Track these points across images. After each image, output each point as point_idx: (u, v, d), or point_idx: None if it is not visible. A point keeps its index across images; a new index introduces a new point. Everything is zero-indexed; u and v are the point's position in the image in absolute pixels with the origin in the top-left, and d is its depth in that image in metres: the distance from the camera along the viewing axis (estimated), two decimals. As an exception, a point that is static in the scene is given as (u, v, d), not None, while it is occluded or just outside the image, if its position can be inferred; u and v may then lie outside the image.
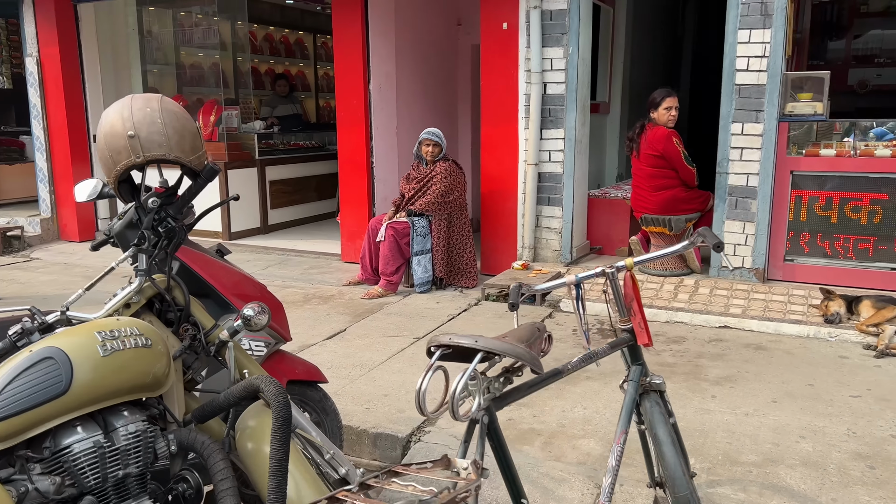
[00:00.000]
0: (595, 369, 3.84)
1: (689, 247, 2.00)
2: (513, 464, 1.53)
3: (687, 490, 1.93)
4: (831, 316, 4.37)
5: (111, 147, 1.93)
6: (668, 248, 2.04)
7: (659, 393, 2.05)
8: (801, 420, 3.20)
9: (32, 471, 1.64)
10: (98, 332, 1.74)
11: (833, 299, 4.43)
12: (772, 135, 4.91)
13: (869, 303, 4.33)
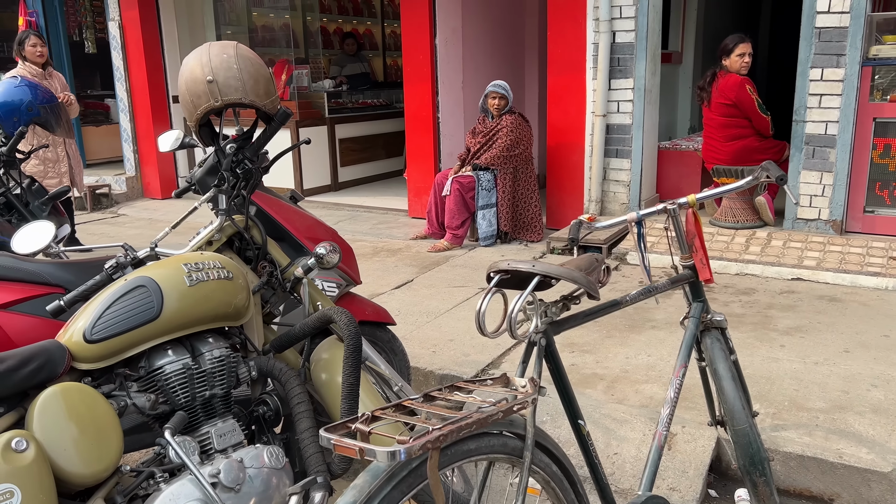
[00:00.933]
0: (662, 318, 3.84)
1: (753, 182, 1.99)
2: (570, 386, 1.58)
3: (746, 423, 1.95)
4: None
5: (192, 92, 2.05)
6: (731, 185, 2.03)
7: (720, 330, 2.06)
8: (873, 369, 3.13)
9: (130, 388, 1.80)
10: (184, 265, 1.88)
11: None
12: (854, 80, 4.69)
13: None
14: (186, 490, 1.69)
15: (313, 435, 1.93)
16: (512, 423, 1.40)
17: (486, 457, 1.35)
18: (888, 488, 2.40)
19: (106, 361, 1.75)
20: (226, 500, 1.71)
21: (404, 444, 1.07)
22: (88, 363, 1.73)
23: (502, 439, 1.37)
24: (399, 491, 1.18)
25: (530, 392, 1.32)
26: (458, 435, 1.17)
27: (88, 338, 1.72)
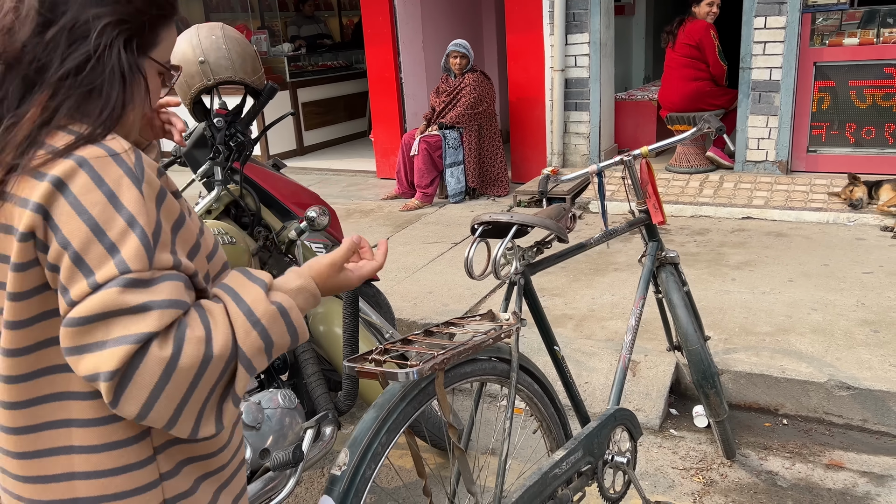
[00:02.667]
0: (623, 261, 4.13)
1: (697, 133, 2.23)
2: (545, 317, 1.83)
3: (698, 344, 2.24)
4: (855, 201, 4.51)
5: (185, 73, 2.20)
6: (678, 137, 2.27)
7: (674, 265, 2.33)
8: (813, 295, 3.47)
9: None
10: (192, 232, 2.07)
11: (858, 185, 4.56)
12: (795, 26, 4.96)
13: (889, 186, 4.47)
14: (214, 430, 1.91)
15: (320, 378, 2.17)
16: (499, 350, 1.64)
17: (479, 378, 1.60)
18: (824, 396, 2.73)
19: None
20: (248, 437, 1.94)
21: (415, 367, 1.31)
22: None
23: (492, 363, 1.61)
24: (411, 407, 1.42)
25: (514, 323, 1.56)
26: (457, 359, 1.41)
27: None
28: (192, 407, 0.87)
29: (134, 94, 0.96)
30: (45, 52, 0.90)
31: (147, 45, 0.98)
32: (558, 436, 1.85)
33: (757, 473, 2.47)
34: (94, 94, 0.91)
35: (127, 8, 0.93)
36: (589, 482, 1.91)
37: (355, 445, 1.34)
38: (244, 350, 0.89)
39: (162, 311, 0.84)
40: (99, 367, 0.82)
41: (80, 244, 0.84)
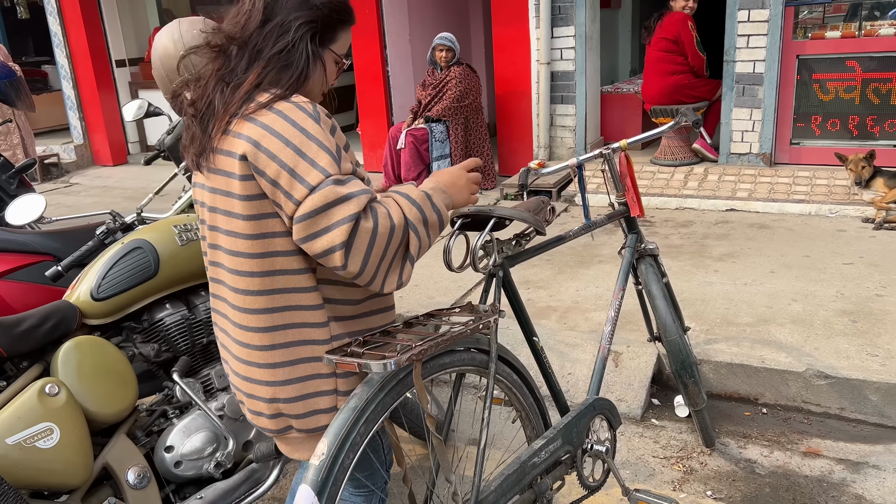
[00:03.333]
0: (608, 254, 4.16)
1: (675, 126, 2.25)
2: (524, 309, 1.85)
3: (676, 335, 2.27)
4: (863, 178, 4.38)
5: (166, 67, 2.21)
6: (657, 130, 2.29)
7: (653, 257, 2.35)
8: (794, 286, 3.51)
9: (136, 340, 2.01)
10: (175, 226, 2.08)
11: (870, 165, 4.41)
12: (778, 20, 4.99)
13: (882, 180, 4.43)
14: (197, 423, 1.93)
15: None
16: (478, 341, 1.66)
17: (458, 368, 1.62)
18: (803, 385, 2.77)
19: (113, 317, 1.96)
20: (232, 429, 1.96)
21: (393, 358, 1.33)
22: (97, 319, 1.93)
23: (471, 354, 1.63)
24: (390, 397, 1.43)
25: (492, 314, 1.58)
26: (436, 350, 1.43)
27: (95, 296, 1.92)
28: (384, 264, 1.32)
29: (314, 71, 1.42)
30: (263, 40, 1.38)
31: (327, 40, 1.45)
32: (537, 425, 1.88)
33: (736, 461, 2.51)
34: (288, 69, 1.38)
35: (316, 14, 1.41)
36: (568, 471, 1.94)
37: (334, 436, 1.36)
38: (411, 220, 1.35)
39: (359, 197, 1.27)
40: (333, 243, 1.26)
41: (291, 163, 1.27)
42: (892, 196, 4.33)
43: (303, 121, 1.31)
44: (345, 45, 1.49)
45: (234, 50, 1.39)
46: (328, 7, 1.42)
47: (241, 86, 1.35)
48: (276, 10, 1.39)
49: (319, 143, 1.29)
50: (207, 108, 1.39)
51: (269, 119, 1.31)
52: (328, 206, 1.25)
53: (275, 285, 1.38)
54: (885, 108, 4.98)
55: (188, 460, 1.89)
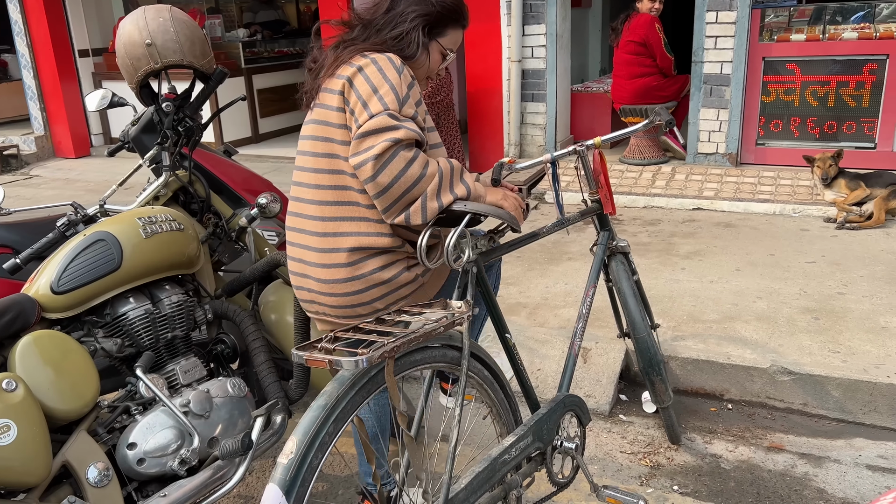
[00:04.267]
0: (577, 251, 4.18)
1: (648, 126, 2.26)
2: (497, 306, 1.84)
3: (645, 332, 2.28)
4: (829, 177, 4.42)
5: (131, 55, 2.15)
6: (629, 129, 2.29)
7: (624, 255, 2.37)
8: (759, 284, 3.57)
9: (97, 334, 1.96)
10: (139, 219, 2.03)
11: (836, 164, 4.45)
12: (745, 22, 5.07)
13: (844, 182, 4.51)
14: (160, 419, 1.89)
15: (270, 366, 2.15)
16: (451, 338, 1.65)
17: (430, 365, 1.60)
18: (767, 381, 2.82)
19: (73, 311, 1.90)
20: (197, 426, 1.92)
21: (365, 355, 1.30)
22: (57, 313, 1.87)
23: (443, 351, 1.62)
24: (360, 395, 1.41)
25: (465, 311, 1.57)
26: (408, 346, 1.40)
27: (56, 289, 1.86)
28: (409, 198, 1.62)
29: (420, 55, 1.76)
30: (385, 22, 1.74)
31: (437, 33, 1.79)
32: (508, 422, 1.87)
33: (702, 457, 2.54)
34: (399, 49, 1.72)
35: (430, 9, 1.76)
36: (538, 467, 1.94)
37: (302, 434, 1.33)
38: (443, 174, 1.64)
39: (407, 129, 1.57)
40: (369, 154, 1.56)
41: (365, 95, 1.61)
42: (853, 197, 4.42)
43: (387, 68, 1.63)
44: (453, 42, 1.84)
45: (359, 26, 1.75)
46: (441, 5, 1.77)
47: (357, 46, 1.71)
48: (400, 1, 1.75)
49: (392, 85, 1.60)
50: (324, 61, 1.75)
51: (363, 62, 1.65)
52: (379, 130, 1.56)
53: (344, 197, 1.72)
54: (848, 110, 5.09)
55: (151, 457, 1.84)
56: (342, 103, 1.67)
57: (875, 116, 5.04)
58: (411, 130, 1.57)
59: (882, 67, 4.93)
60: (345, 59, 1.69)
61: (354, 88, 1.63)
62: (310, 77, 1.79)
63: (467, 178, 1.70)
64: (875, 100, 5.01)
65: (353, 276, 1.74)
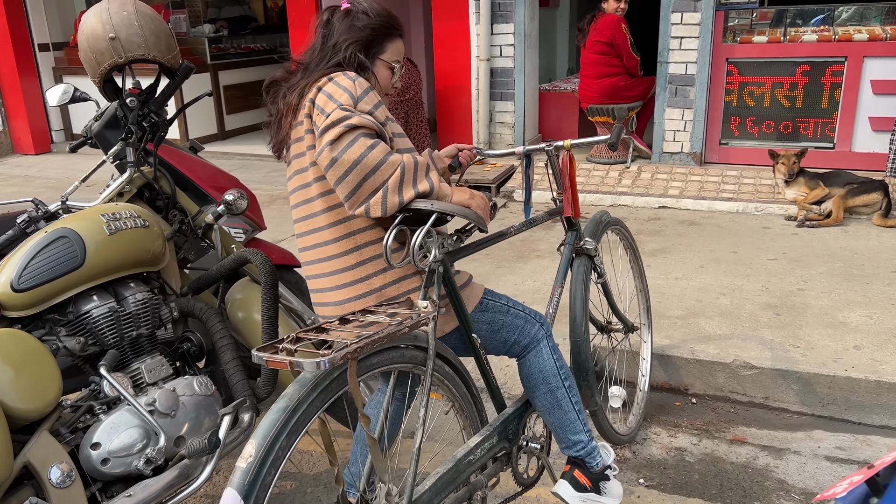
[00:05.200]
0: (545, 249, 4.22)
1: (604, 141, 2.25)
2: (465, 305, 1.83)
3: (581, 337, 2.22)
4: (793, 174, 4.49)
5: (94, 49, 2.12)
6: (595, 139, 2.29)
7: (589, 257, 2.37)
8: (722, 281, 3.64)
9: (59, 333, 1.92)
10: (102, 215, 1.99)
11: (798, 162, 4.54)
12: (709, 23, 5.16)
13: (803, 180, 4.61)
14: (125, 419, 1.86)
15: (238, 364, 2.13)
16: (416, 338, 1.64)
17: (395, 366, 1.59)
18: (730, 375, 2.88)
19: (34, 309, 1.86)
20: (163, 424, 1.89)
21: (327, 356, 1.29)
22: (17, 311, 1.84)
23: (409, 351, 1.61)
24: (322, 397, 1.40)
25: (431, 311, 1.57)
26: (372, 347, 1.37)
27: (16, 287, 1.82)
28: (370, 186, 1.59)
29: (368, 78, 1.77)
30: (321, 57, 1.77)
31: (375, 52, 1.81)
32: (474, 422, 1.88)
33: (667, 450, 2.58)
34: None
35: (361, 34, 1.78)
36: (504, 467, 1.95)
37: (262, 437, 1.31)
38: (406, 165, 1.62)
39: (360, 117, 1.58)
40: (325, 139, 1.58)
41: (323, 104, 1.65)
42: (812, 196, 4.53)
43: (341, 80, 1.67)
44: (396, 52, 1.85)
45: (300, 70, 1.79)
46: (370, 28, 1.78)
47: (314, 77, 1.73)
48: (331, 35, 1.78)
49: (345, 89, 1.64)
50: (276, 112, 1.79)
51: (321, 83, 1.69)
52: (334, 122, 1.58)
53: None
54: (808, 111, 5.21)
55: (116, 457, 1.81)
56: (311, 126, 1.70)
57: (834, 117, 5.17)
58: (367, 118, 1.59)
59: (840, 69, 5.06)
60: (296, 102, 1.72)
61: (316, 106, 1.67)
62: (273, 130, 1.81)
63: (432, 176, 1.68)
64: (833, 101, 5.14)
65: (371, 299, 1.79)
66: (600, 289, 2.48)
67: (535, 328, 1.94)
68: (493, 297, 1.92)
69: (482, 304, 1.89)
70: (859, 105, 5.07)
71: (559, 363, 1.96)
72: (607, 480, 2.04)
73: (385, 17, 1.82)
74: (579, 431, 1.99)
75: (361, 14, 1.80)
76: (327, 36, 1.79)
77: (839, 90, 5.10)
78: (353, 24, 1.77)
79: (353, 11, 1.81)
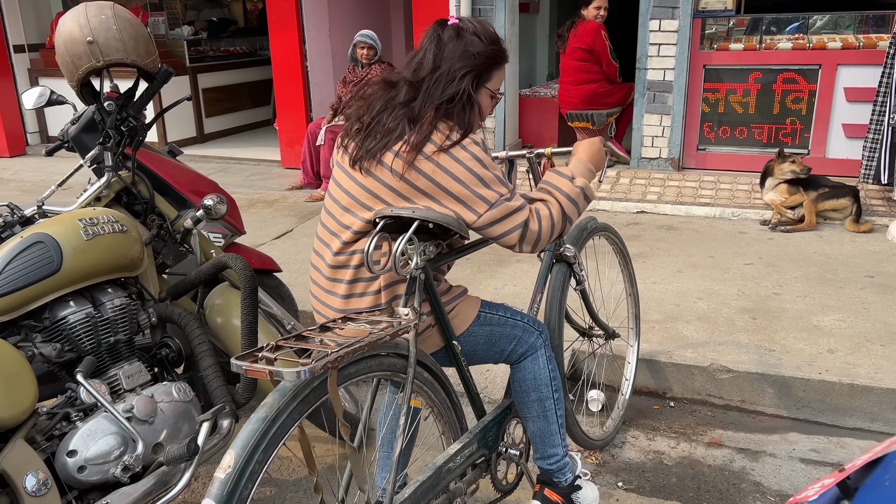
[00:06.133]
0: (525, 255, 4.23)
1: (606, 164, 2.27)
2: (445, 313, 1.83)
3: (554, 342, 2.25)
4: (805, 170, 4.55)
5: (71, 53, 2.10)
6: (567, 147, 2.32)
7: (567, 264, 2.38)
8: (700, 285, 3.68)
9: (35, 339, 1.90)
10: (79, 220, 1.98)
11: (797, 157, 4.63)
12: (686, 31, 5.22)
13: (784, 187, 4.68)
14: (102, 426, 1.84)
15: (217, 370, 2.12)
16: (397, 346, 1.64)
17: (376, 374, 1.59)
18: (707, 379, 2.91)
19: (9, 315, 1.84)
20: (140, 431, 1.87)
21: (307, 365, 1.28)
22: (-8, 317, 1.81)
23: (389, 359, 1.60)
24: (302, 407, 1.39)
25: (412, 318, 1.57)
26: (353, 356, 1.37)
27: (-10, 293, 1.80)
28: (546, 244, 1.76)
29: (475, 110, 1.74)
30: (434, 84, 1.69)
31: (484, 81, 1.76)
32: (454, 428, 1.88)
33: (645, 453, 2.61)
34: (456, 111, 1.69)
35: (476, 62, 1.72)
36: (483, 474, 1.95)
37: (241, 448, 1.30)
38: (569, 214, 1.77)
39: (523, 209, 1.70)
40: (510, 243, 1.72)
41: (471, 183, 1.65)
42: (792, 201, 4.59)
43: (477, 152, 1.66)
44: (499, 82, 1.82)
45: (405, 87, 1.71)
46: (484, 56, 1.72)
47: (423, 122, 1.66)
48: (442, 59, 1.70)
49: (489, 167, 1.67)
50: (376, 124, 1.70)
51: (443, 160, 1.64)
52: (506, 216, 1.67)
53: None
54: (783, 117, 5.29)
55: (93, 465, 1.79)
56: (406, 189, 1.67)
57: (808, 124, 5.26)
58: (524, 205, 1.70)
59: (815, 77, 5.15)
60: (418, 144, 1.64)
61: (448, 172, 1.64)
62: (358, 139, 1.72)
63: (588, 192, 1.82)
64: (808, 108, 5.23)
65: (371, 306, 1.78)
66: (580, 295, 2.50)
67: (534, 336, 1.94)
68: (490, 309, 1.91)
69: (479, 318, 1.88)
70: (833, 112, 5.16)
71: (553, 374, 1.97)
72: (579, 490, 2.06)
73: (497, 44, 1.77)
74: (556, 445, 2.00)
75: (473, 37, 1.72)
76: (437, 56, 1.71)
77: (814, 97, 5.18)
78: (466, 50, 1.70)
79: (464, 32, 1.73)
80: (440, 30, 1.74)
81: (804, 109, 5.24)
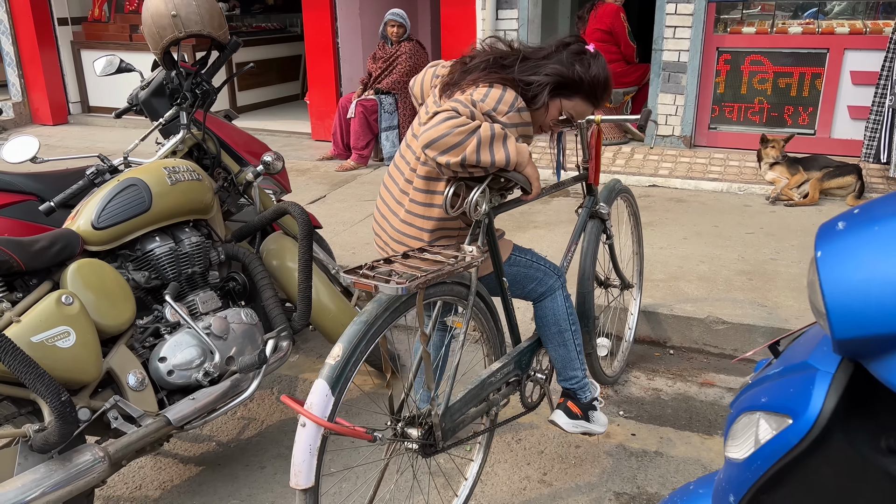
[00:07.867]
0: (542, 220, 4.56)
1: (633, 121, 2.55)
2: (499, 253, 2.13)
3: (586, 290, 2.59)
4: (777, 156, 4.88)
5: (158, 25, 2.44)
6: (625, 117, 2.60)
7: (601, 220, 2.70)
8: (703, 251, 3.99)
9: (129, 267, 2.27)
10: (164, 168, 2.33)
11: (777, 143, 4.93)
12: (701, 14, 5.47)
13: (784, 165, 4.94)
14: (186, 339, 2.21)
15: (277, 300, 2.47)
16: (461, 276, 1.95)
17: (444, 297, 1.91)
18: (704, 329, 3.23)
19: (110, 245, 2.20)
20: (217, 345, 2.24)
21: (403, 284, 1.60)
22: (97, 246, 2.17)
23: (456, 287, 1.92)
24: (393, 315, 1.73)
25: (478, 255, 1.88)
26: (435, 280, 1.69)
27: (96, 225, 2.16)
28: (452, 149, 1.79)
29: (539, 107, 1.95)
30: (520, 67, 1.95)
31: (564, 94, 1.98)
32: (497, 350, 2.22)
33: (645, 390, 2.94)
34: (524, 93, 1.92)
35: (567, 73, 1.96)
36: (514, 391, 2.30)
37: (347, 342, 1.63)
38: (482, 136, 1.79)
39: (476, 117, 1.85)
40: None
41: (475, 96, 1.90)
42: (794, 181, 4.87)
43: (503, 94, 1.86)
44: (576, 110, 2.03)
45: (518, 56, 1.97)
46: (579, 75, 1.96)
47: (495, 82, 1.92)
48: (551, 55, 1.98)
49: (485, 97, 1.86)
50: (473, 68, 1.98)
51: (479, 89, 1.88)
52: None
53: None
54: (791, 99, 5.54)
55: (179, 370, 2.16)
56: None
57: (815, 105, 5.51)
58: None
59: (822, 60, 5.39)
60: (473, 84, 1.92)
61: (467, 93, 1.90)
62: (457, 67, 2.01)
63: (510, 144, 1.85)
64: (815, 90, 5.47)
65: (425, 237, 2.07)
66: (607, 249, 2.81)
67: (553, 279, 2.26)
68: (519, 252, 2.23)
69: (510, 259, 2.19)
70: (839, 94, 5.40)
71: (569, 310, 2.30)
72: (594, 410, 2.40)
73: (596, 82, 1.99)
74: (577, 368, 2.34)
75: (587, 63, 1.98)
76: (553, 54, 1.97)
77: (821, 80, 5.43)
78: (573, 64, 1.95)
79: (584, 58, 1.98)
80: (573, 44, 2.02)
81: (811, 91, 5.48)
